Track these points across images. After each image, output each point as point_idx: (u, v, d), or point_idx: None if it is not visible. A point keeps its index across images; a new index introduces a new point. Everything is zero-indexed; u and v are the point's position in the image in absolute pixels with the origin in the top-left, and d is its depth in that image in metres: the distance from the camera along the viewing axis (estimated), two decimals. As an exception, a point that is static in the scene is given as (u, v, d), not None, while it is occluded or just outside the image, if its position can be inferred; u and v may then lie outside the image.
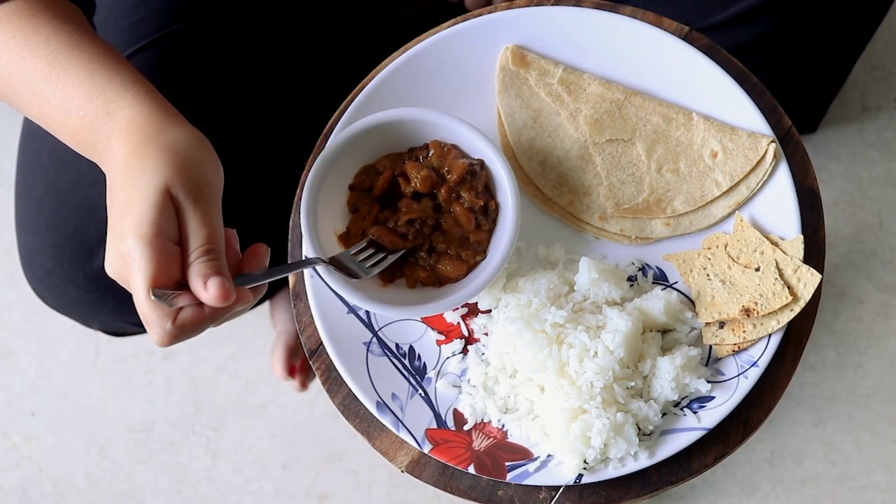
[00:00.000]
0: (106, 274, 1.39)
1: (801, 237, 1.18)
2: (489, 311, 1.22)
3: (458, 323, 1.22)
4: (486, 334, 1.21)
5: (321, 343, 1.21)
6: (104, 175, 1.09)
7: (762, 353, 1.17)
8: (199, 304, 1.00)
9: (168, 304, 0.97)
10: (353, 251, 1.17)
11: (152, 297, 0.97)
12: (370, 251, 1.17)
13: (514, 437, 1.18)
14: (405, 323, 1.22)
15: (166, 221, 0.99)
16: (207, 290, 0.97)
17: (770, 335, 1.17)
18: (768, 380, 1.19)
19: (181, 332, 1.00)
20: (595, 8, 1.26)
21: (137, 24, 1.40)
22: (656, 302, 1.17)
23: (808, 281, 1.16)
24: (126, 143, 1.04)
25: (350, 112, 1.25)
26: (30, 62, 1.10)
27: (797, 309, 1.16)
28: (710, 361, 1.19)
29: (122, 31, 1.40)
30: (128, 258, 0.98)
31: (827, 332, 2.00)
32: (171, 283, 0.98)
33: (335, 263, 1.15)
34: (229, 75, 1.43)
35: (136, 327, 1.54)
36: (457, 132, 1.19)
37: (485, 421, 1.19)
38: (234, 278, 1.03)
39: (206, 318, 1.01)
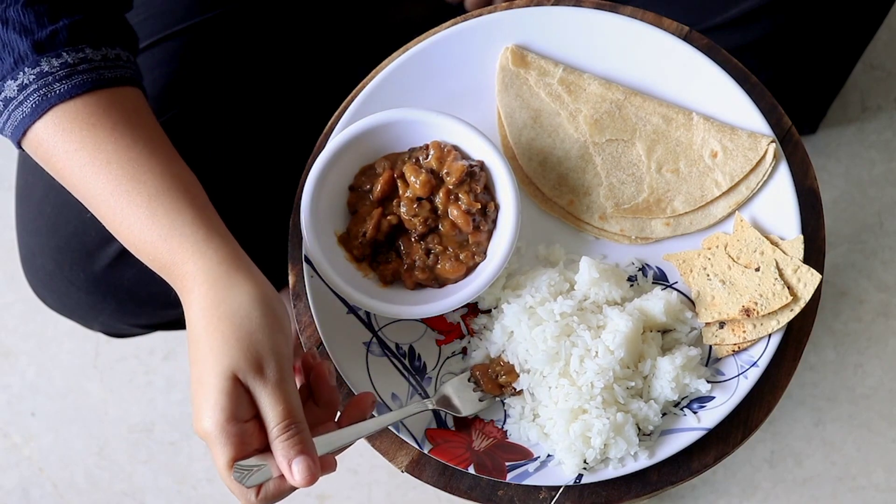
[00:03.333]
0: (106, 276, 1.40)
1: (801, 237, 1.18)
2: (489, 310, 1.22)
3: (458, 323, 1.22)
4: (488, 329, 1.21)
5: (321, 343, 1.21)
6: None
7: (762, 353, 1.17)
8: (282, 475, 1.03)
9: (247, 484, 1.01)
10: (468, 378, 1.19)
11: (233, 477, 1.01)
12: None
13: (514, 438, 1.18)
14: (405, 323, 1.22)
15: (237, 406, 1.02)
16: (293, 473, 1.01)
17: (770, 335, 1.17)
18: (768, 380, 1.19)
19: (267, 502, 1.04)
20: (595, 8, 1.26)
21: (138, 26, 1.40)
22: (656, 302, 1.17)
23: (808, 281, 1.16)
24: (197, 307, 1.06)
25: (350, 112, 1.25)
26: (93, 186, 1.12)
27: (797, 309, 1.16)
28: (710, 361, 1.19)
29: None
30: (207, 439, 1.02)
31: (827, 332, 2.00)
32: (252, 454, 1.02)
33: (443, 402, 1.17)
34: (228, 76, 1.43)
35: (137, 328, 1.54)
36: (457, 132, 1.19)
37: (485, 421, 1.19)
38: (323, 438, 1.06)
39: (288, 487, 1.04)
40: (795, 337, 1.20)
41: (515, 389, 1.17)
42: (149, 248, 1.10)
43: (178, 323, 1.52)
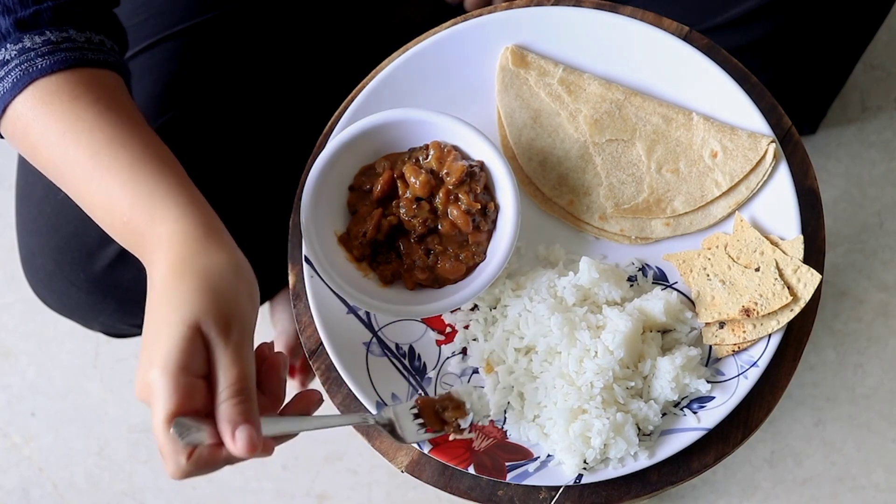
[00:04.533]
0: (106, 276, 1.40)
1: (801, 237, 1.18)
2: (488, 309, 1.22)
3: (457, 324, 1.22)
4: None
5: (321, 343, 1.21)
6: None
7: (762, 353, 1.17)
8: (218, 443, 0.97)
9: (184, 440, 0.95)
10: (412, 407, 1.15)
11: (171, 431, 0.95)
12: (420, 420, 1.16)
13: (514, 438, 1.18)
14: (405, 323, 1.22)
15: (193, 356, 0.97)
16: (235, 440, 0.95)
17: (770, 335, 1.17)
18: (768, 380, 1.19)
19: (195, 468, 0.98)
20: (595, 8, 1.26)
21: (139, 26, 1.40)
22: (656, 302, 1.17)
23: (808, 281, 1.16)
24: (164, 263, 1.02)
25: (350, 112, 1.25)
26: (72, 152, 1.09)
27: (797, 309, 1.16)
28: (710, 361, 1.19)
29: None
30: (151, 389, 0.96)
31: (827, 332, 2.00)
32: (192, 414, 0.96)
33: (387, 423, 1.13)
34: (228, 77, 1.43)
35: (137, 328, 1.54)
36: (457, 132, 1.19)
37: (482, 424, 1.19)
38: (266, 420, 1.00)
39: (222, 458, 0.98)
40: (795, 337, 1.20)
41: (460, 426, 1.15)
42: (125, 209, 1.07)
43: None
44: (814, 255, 1.21)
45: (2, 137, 1.16)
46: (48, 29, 1.12)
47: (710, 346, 1.19)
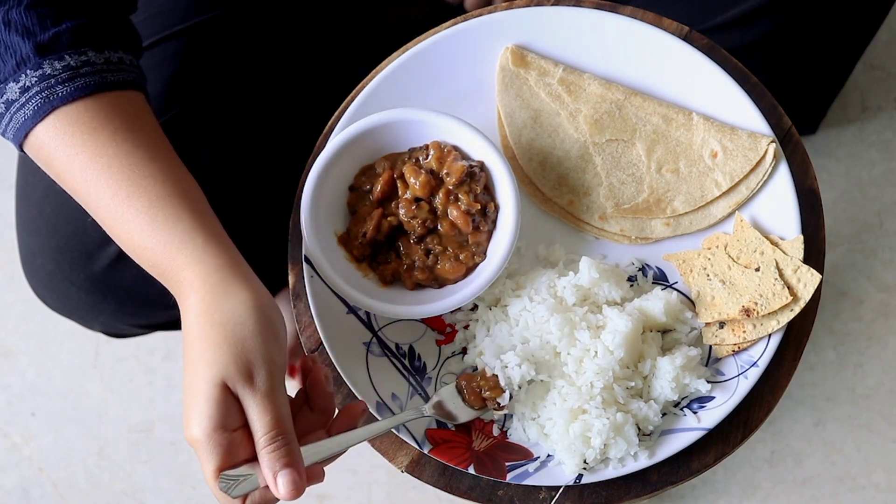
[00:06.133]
0: (106, 276, 1.40)
1: (801, 237, 1.18)
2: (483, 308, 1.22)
3: (457, 324, 1.22)
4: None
5: (321, 343, 1.21)
6: None
7: (762, 353, 1.17)
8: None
9: (232, 494, 1.01)
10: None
11: (219, 487, 1.01)
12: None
13: (514, 438, 1.18)
14: (405, 323, 1.22)
15: (226, 414, 1.01)
16: (278, 486, 1.00)
17: (770, 335, 1.17)
18: (768, 380, 1.19)
19: None
20: (595, 8, 1.26)
21: (139, 26, 1.40)
22: (656, 302, 1.17)
23: (807, 281, 1.16)
24: (190, 315, 1.05)
25: (350, 112, 1.25)
26: (93, 191, 1.11)
27: (797, 309, 1.16)
28: (710, 361, 1.19)
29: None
30: (196, 447, 1.02)
31: (827, 332, 2.00)
32: (239, 463, 1.02)
33: (438, 408, 1.16)
34: (228, 77, 1.43)
35: (137, 329, 1.54)
36: (457, 133, 1.19)
37: (485, 421, 1.19)
38: (312, 447, 1.04)
39: (273, 498, 1.03)
40: (795, 337, 1.20)
41: (499, 405, 1.16)
42: (148, 254, 1.10)
43: (178, 323, 1.52)
44: (814, 255, 1.21)
45: (22, 151, 1.17)
46: (67, 53, 1.12)
47: (710, 346, 1.19)
